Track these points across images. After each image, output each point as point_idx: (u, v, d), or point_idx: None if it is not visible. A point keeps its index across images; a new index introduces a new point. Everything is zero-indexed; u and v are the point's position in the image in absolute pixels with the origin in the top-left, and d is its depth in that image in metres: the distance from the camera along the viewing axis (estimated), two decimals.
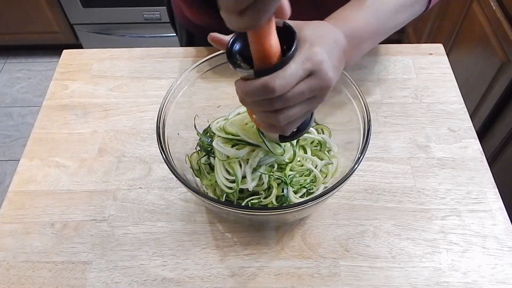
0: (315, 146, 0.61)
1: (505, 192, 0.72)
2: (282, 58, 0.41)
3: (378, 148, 0.67)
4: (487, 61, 1.22)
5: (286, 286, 0.55)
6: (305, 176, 0.57)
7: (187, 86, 0.59)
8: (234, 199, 0.55)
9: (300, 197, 0.56)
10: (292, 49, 0.41)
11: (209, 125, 0.61)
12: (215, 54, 0.58)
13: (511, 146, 1.18)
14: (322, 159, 0.59)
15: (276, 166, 0.56)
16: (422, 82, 0.76)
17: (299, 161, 0.58)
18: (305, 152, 0.59)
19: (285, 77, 0.40)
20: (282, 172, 0.55)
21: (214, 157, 0.56)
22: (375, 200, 0.62)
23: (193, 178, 0.60)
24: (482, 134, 1.29)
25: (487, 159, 0.66)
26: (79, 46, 2.15)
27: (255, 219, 0.58)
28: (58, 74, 0.80)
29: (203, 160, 0.60)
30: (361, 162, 0.50)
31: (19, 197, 0.64)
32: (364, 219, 0.60)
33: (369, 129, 0.52)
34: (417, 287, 0.54)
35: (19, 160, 0.68)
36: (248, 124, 0.55)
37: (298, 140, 0.58)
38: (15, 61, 2.24)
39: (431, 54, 0.80)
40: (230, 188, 0.54)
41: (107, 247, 0.58)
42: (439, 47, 0.81)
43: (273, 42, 0.40)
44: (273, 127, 0.47)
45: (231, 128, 0.55)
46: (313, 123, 0.62)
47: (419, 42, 1.73)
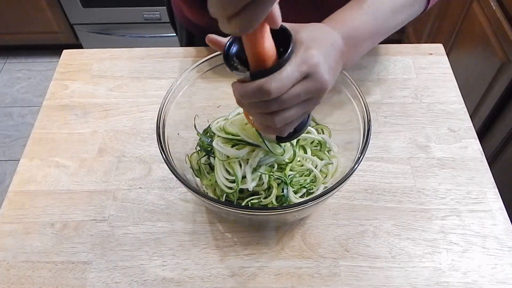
0: (315, 146, 0.61)
1: (505, 192, 0.72)
2: (278, 61, 0.41)
3: (378, 148, 0.67)
4: (487, 61, 1.22)
5: (286, 286, 0.55)
6: (305, 176, 0.57)
7: (187, 86, 0.59)
8: (234, 199, 0.55)
9: (300, 197, 0.56)
10: (288, 52, 0.42)
11: (209, 125, 0.61)
12: (215, 54, 0.58)
13: (511, 146, 1.18)
14: (322, 159, 0.59)
15: (276, 166, 0.56)
16: (422, 82, 0.76)
17: (299, 161, 0.58)
18: (305, 152, 0.59)
19: (281, 80, 0.41)
20: (282, 172, 0.55)
21: (214, 157, 0.56)
22: (375, 200, 0.62)
23: (193, 178, 0.60)
24: (482, 134, 1.29)
25: (487, 159, 0.66)
26: (79, 46, 2.15)
27: (255, 219, 0.58)
28: (58, 74, 0.80)
29: (203, 160, 0.60)
30: (361, 162, 0.50)
31: (19, 197, 0.64)
32: (364, 219, 0.60)
33: (369, 129, 0.52)
34: (417, 287, 0.54)
35: (19, 160, 0.68)
36: (248, 124, 0.55)
37: (298, 140, 0.58)
38: (15, 61, 2.24)
39: (431, 54, 0.80)
40: (230, 188, 0.54)
41: (107, 247, 0.58)
42: (439, 47, 0.81)
43: (268, 46, 0.40)
44: (270, 129, 0.47)
45: (231, 128, 0.55)
46: (313, 123, 0.63)
47: (419, 42, 1.73)
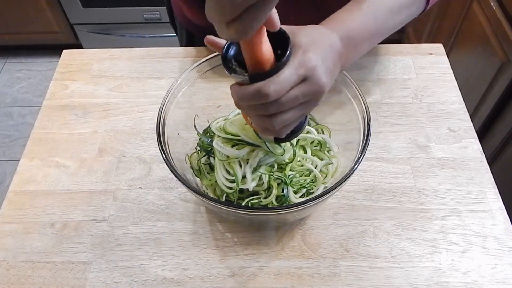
0: (315, 146, 0.61)
1: (505, 192, 0.72)
2: (277, 64, 0.42)
3: (378, 148, 0.67)
4: (487, 61, 1.22)
5: (286, 286, 0.55)
6: (305, 176, 0.57)
7: (187, 86, 0.59)
8: (234, 199, 0.55)
9: (300, 197, 0.56)
10: (286, 55, 0.42)
11: (209, 125, 0.61)
12: (215, 54, 0.58)
13: (511, 146, 1.18)
14: (322, 159, 0.59)
15: (276, 166, 0.56)
16: (422, 82, 0.76)
17: (299, 161, 0.58)
18: (305, 152, 0.59)
19: (279, 83, 0.41)
20: (282, 172, 0.55)
21: (214, 157, 0.56)
22: (375, 200, 0.62)
23: (193, 178, 0.60)
24: (482, 134, 1.29)
25: (487, 159, 0.66)
26: (79, 46, 2.15)
27: (255, 219, 0.58)
28: (58, 74, 0.80)
29: (203, 160, 0.60)
30: (361, 162, 0.50)
31: (19, 197, 0.64)
32: (364, 219, 0.60)
33: (369, 129, 0.52)
34: (417, 287, 0.54)
35: (19, 160, 0.68)
36: (248, 124, 0.55)
37: (298, 140, 0.58)
38: (15, 61, 2.24)
39: (431, 54, 0.80)
40: (230, 188, 0.54)
41: (107, 247, 0.58)
42: (439, 47, 0.81)
43: (265, 49, 0.40)
44: (268, 130, 0.47)
45: (231, 128, 0.55)
46: (313, 123, 0.63)
47: (419, 42, 1.73)
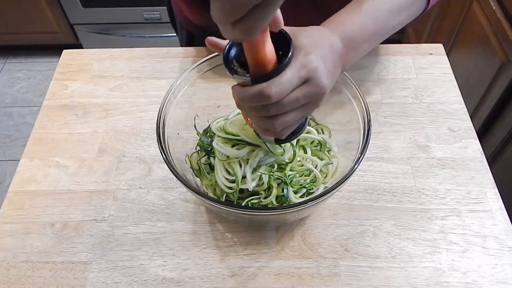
0: (315, 146, 0.61)
1: (505, 192, 0.72)
2: (279, 65, 0.42)
3: (378, 148, 0.67)
4: (487, 61, 1.22)
5: (286, 286, 0.55)
6: (305, 176, 0.57)
7: (187, 86, 0.59)
8: (234, 199, 0.55)
9: (300, 197, 0.56)
10: (288, 57, 0.42)
11: (209, 125, 0.61)
12: (215, 54, 0.58)
13: (511, 146, 1.18)
14: (322, 159, 0.59)
15: (276, 166, 0.56)
16: (422, 82, 0.76)
17: (299, 161, 0.58)
18: (305, 152, 0.59)
19: (281, 84, 0.41)
20: (282, 172, 0.55)
21: (214, 157, 0.56)
22: (375, 200, 0.62)
23: (193, 178, 0.60)
24: (482, 134, 1.29)
25: (487, 159, 0.66)
26: (79, 46, 2.15)
27: (255, 219, 0.58)
28: (58, 74, 0.80)
29: (203, 160, 0.60)
30: (361, 162, 0.50)
31: (19, 197, 0.64)
32: (364, 219, 0.60)
33: (369, 129, 0.52)
34: (417, 287, 0.54)
35: (19, 160, 0.68)
36: (248, 125, 0.55)
37: (298, 140, 0.58)
38: (15, 61, 2.24)
39: (431, 54, 0.80)
40: (230, 188, 0.54)
41: (107, 247, 0.58)
42: (439, 47, 0.81)
43: (268, 50, 0.40)
44: (269, 132, 0.47)
45: (231, 128, 0.55)
46: (313, 123, 0.63)
47: (419, 42, 1.73)
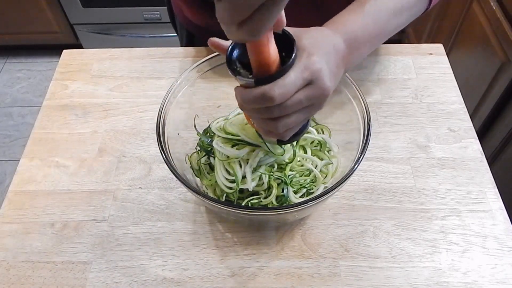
0: (315, 146, 0.61)
1: (505, 192, 0.72)
2: (282, 67, 0.41)
3: (378, 148, 0.67)
4: (487, 61, 1.22)
5: (286, 286, 0.55)
6: (305, 176, 0.57)
7: (187, 86, 0.59)
8: (234, 199, 0.55)
9: (300, 197, 0.56)
10: (292, 58, 0.41)
11: (209, 125, 0.61)
12: (215, 54, 0.58)
13: (511, 146, 1.18)
14: (322, 159, 0.59)
15: (276, 166, 0.56)
16: (422, 82, 0.76)
17: (299, 161, 0.58)
18: (305, 152, 0.59)
19: (285, 86, 0.41)
20: (282, 172, 0.55)
21: (214, 157, 0.56)
22: (375, 200, 0.62)
23: (193, 178, 0.60)
24: (482, 134, 1.29)
25: (487, 159, 0.66)
26: (79, 46, 2.15)
27: (255, 219, 0.58)
28: (58, 74, 0.80)
29: (203, 160, 0.60)
30: (361, 162, 0.50)
31: (19, 197, 0.64)
32: (364, 219, 0.60)
33: (369, 129, 0.52)
34: (417, 287, 0.54)
35: (19, 160, 0.68)
36: (248, 124, 0.55)
37: (298, 140, 0.58)
38: (15, 61, 2.24)
39: (431, 54, 0.80)
40: (230, 188, 0.54)
41: (107, 247, 0.58)
42: (439, 47, 0.81)
43: (272, 51, 0.40)
44: (272, 133, 0.47)
45: (231, 128, 0.55)
46: (313, 123, 0.63)
47: (419, 42, 1.73)
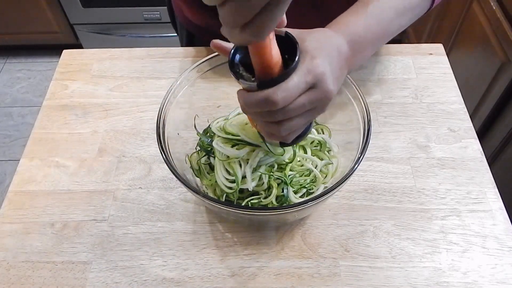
0: (315, 146, 0.61)
1: (505, 192, 0.72)
2: (285, 70, 0.41)
3: (378, 148, 0.67)
4: (487, 61, 1.22)
5: (286, 286, 0.55)
6: (305, 176, 0.57)
7: (187, 86, 0.59)
8: (234, 199, 0.55)
9: (300, 197, 0.56)
10: (295, 61, 0.41)
11: (209, 125, 0.61)
12: (215, 54, 0.58)
13: (511, 146, 1.18)
14: (322, 159, 0.59)
15: (276, 166, 0.56)
16: (422, 82, 0.76)
17: (299, 161, 0.58)
18: (305, 152, 0.59)
19: (288, 90, 0.41)
20: (282, 172, 0.55)
21: (214, 157, 0.56)
22: (375, 200, 0.62)
23: (193, 178, 0.60)
24: (482, 134, 1.29)
25: (487, 159, 0.66)
26: (79, 46, 2.15)
27: (255, 219, 0.58)
28: (58, 74, 0.80)
29: (203, 160, 0.60)
30: (361, 162, 0.50)
31: (19, 197, 0.64)
32: (364, 219, 0.60)
33: (369, 129, 0.52)
34: (417, 287, 0.54)
35: (19, 160, 0.68)
36: (248, 124, 0.55)
37: None
38: (15, 61, 2.24)
39: (431, 54, 0.80)
40: (230, 188, 0.54)
41: (107, 247, 0.58)
42: (439, 47, 0.81)
43: (274, 54, 0.40)
44: (274, 136, 0.47)
45: (231, 128, 0.55)
46: (313, 123, 0.63)
47: (419, 42, 1.73)
